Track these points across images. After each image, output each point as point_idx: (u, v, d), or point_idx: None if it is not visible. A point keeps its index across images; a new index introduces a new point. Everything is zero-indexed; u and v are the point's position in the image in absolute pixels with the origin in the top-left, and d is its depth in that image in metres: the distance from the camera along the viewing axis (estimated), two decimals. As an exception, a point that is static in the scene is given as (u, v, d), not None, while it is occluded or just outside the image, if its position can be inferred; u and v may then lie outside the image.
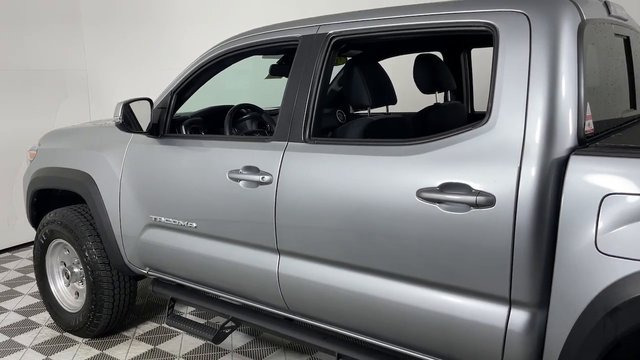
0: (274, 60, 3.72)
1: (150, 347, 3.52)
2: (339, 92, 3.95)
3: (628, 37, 2.54)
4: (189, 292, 3.21)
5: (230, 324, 2.93)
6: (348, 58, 3.74)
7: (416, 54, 3.07)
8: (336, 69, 3.44)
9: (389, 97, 2.77)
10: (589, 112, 1.91)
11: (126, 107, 2.82)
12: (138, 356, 3.41)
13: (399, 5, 2.38)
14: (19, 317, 4.02)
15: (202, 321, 3.85)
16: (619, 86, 2.40)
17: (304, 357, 3.35)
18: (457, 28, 2.13)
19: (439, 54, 3.59)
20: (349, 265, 2.28)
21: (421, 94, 3.01)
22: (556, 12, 1.92)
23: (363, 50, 3.74)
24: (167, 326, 3.75)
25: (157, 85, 3.50)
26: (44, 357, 3.43)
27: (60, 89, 5.88)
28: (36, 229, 3.79)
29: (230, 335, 3.58)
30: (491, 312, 1.94)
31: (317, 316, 2.49)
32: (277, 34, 2.67)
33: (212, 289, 2.95)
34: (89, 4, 6.09)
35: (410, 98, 3.30)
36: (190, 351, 3.45)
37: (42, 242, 3.72)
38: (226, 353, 3.42)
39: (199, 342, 3.55)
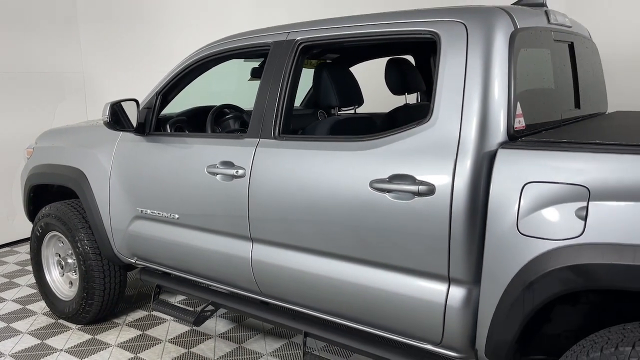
0: (256, 64, 3.96)
1: (139, 332, 3.76)
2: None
3: (572, 43, 2.77)
4: (174, 279, 3.44)
5: (209, 307, 3.16)
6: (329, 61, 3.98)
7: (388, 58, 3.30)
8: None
9: (356, 98, 3.00)
10: (519, 111, 2.14)
11: (113, 107, 3.06)
12: (127, 340, 3.64)
13: (377, 12, 2.60)
14: (17, 306, 4.26)
15: (189, 309, 4.08)
16: (560, 88, 2.64)
17: (282, 341, 3.58)
18: (407, 35, 2.37)
19: (410, 58, 3.84)
20: (313, 250, 2.52)
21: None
22: (490, 21, 2.15)
23: (339, 54, 3.98)
24: (155, 313, 3.99)
25: (153, 86, 3.72)
26: (39, 341, 3.66)
27: (58, 91, 6.13)
28: (33, 223, 4.03)
29: (215, 321, 3.84)
30: (434, 290, 2.17)
31: (286, 298, 2.72)
32: (252, 39, 2.91)
33: (193, 275, 3.18)
34: (86, 8, 6.33)
35: (395, 100, 3.49)
36: (176, 336, 3.68)
37: (38, 234, 3.96)
38: (210, 338, 3.65)
39: (185, 328, 3.78)
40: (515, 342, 1.98)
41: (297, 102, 4.18)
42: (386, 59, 3.26)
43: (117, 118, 3.10)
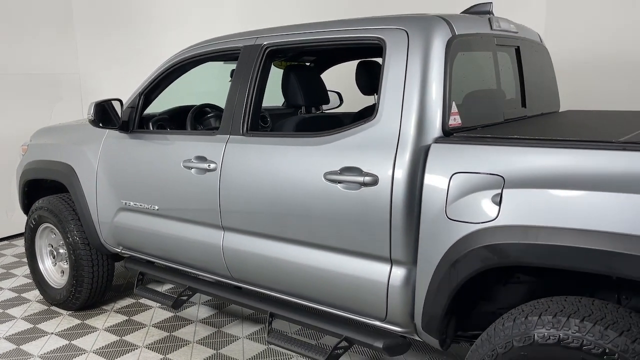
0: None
1: (125, 318, 4.01)
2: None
3: (518, 47, 3.01)
4: (155, 267, 3.69)
5: (187, 292, 3.41)
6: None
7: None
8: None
9: (321, 98, 3.24)
10: (455, 110, 2.38)
11: (97, 106, 3.31)
12: (113, 325, 3.89)
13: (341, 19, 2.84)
14: (13, 294, 4.52)
15: (169, 294, 4.33)
16: (504, 88, 2.87)
17: (258, 326, 3.82)
18: (358, 41, 2.61)
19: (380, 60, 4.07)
20: (275, 237, 2.76)
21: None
22: (429, 29, 2.39)
23: (315, 57, 4.22)
24: (142, 301, 4.25)
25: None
26: (32, 325, 3.92)
27: (55, 92, 6.39)
28: (27, 215, 4.29)
29: (197, 308, 4.08)
30: (378, 270, 2.41)
31: (253, 281, 2.97)
32: (225, 44, 3.16)
33: (173, 263, 3.43)
34: (82, 11, 6.60)
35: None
36: (160, 321, 3.93)
37: (32, 226, 4.21)
38: (191, 323, 3.90)
39: (169, 315, 4.03)
40: (445, 316, 2.21)
41: (280, 102, 4.43)
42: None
43: (101, 116, 3.34)
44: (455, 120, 2.38)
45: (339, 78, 4.52)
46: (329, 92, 3.51)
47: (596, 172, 1.85)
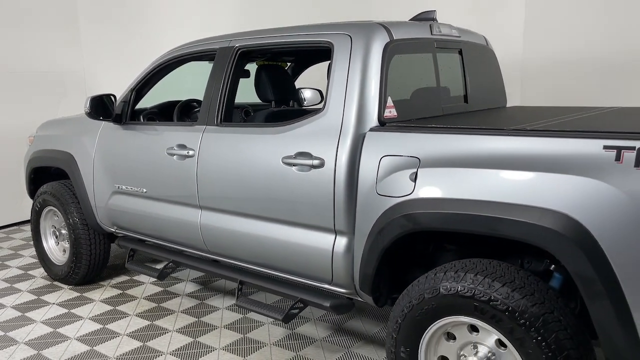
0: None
1: (119, 291, 4.46)
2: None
3: (461, 49, 3.41)
4: (145, 244, 4.13)
5: (170, 265, 3.85)
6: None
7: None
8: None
9: (289, 94, 3.66)
10: (390, 104, 2.79)
11: (93, 100, 3.76)
12: (109, 297, 4.34)
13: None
14: (20, 272, 4.99)
15: (156, 267, 4.77)
16: (444, 85, 3.27)
17: (237, 299, 4.25)
18: (313, 44, 3.02)
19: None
20: (242, 213, 3.18)
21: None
22: (369, 34, 2.80)
23: (294, 58, 4.63)
24: (136, 278, 4.69)
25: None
26: (36, 297, 4.38)
27: (61, 89, 6.87)
28: (33, 199, 4.75)
29: (185, 284, 4.52)
30: (325, 240, 2.83)
31: (226, 253, 3.39)
32: (204, 46, 3.59)
33: (158, 239, 3.87)
34: (86, 11, 7.07)
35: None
36: (150, 294, 4.37)
37: (37, 209, 4.67)
38: (178, 296, 4.33)
39: (158, 289, 4.47)
40: (375, 276, 2.62)
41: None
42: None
43: (96, 109, 3.79)
44: (390, 113, 2.79)
45: (323, 78, 4.95)
46: (312, 90, 3.89)
47: (487, 153, 2.26)
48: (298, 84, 4.47)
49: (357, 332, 3.66)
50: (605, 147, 1.98)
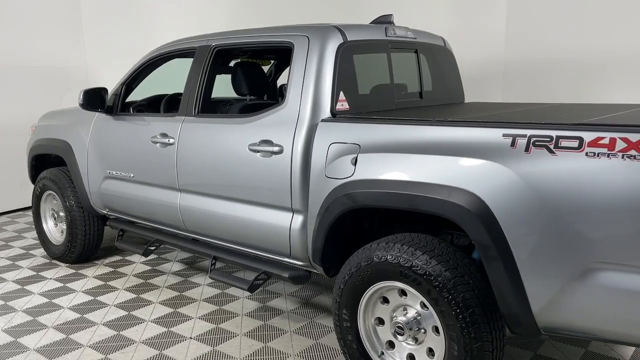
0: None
1: (111, 269, 4.85)
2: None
3: (416, 50, 3.76)
4: (134, 225, 4.51)
5: (155, 243, 4.24)
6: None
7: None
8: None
9: (263, 88, 4.03)
10: (342, 98, 3.14)
11: (85, 93, 4.15)
12: (101, 274, 4.74)
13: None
14: (22, 251, 5.40)
15: (143, 246, 5.16)
16: (400, 82, 3.62)
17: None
18: (278, 44, 3.39)
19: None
20: (215, 195, 3.56)
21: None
22: (324, 36, 3.15)
23: (276, 56, 4.99)
24: (129, 257, 5.09)
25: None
26: (35, 273, 4.79)
27: (65, 83, 7.28)
28: (34, 184, 5.16)
29: (171, 265, 4.90)
30: (284, 218, 3.19)
31: (201, 232, 3.77)
32: (185, 44, 3.96)
33: (145, 220, 4.25)
34: (89, 10, 7.48)
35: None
36: (139, 272, 4.76)
37: (38, 193, 5.08)
38: (164, 274, 4.72)
39: (147, 267, 4.87)
40: (324, 249, 2.98)
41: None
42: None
43: (88, 101, 4.18)
44: (342, 106, 3.14)
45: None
46: None
47: (412, 140, 2.62)
48: (282, 80, 4.86)
49: (322, 305, 4.02)
50: (504, 135, 2.33)
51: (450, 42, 7.33)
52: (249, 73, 3.95)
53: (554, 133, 2.20)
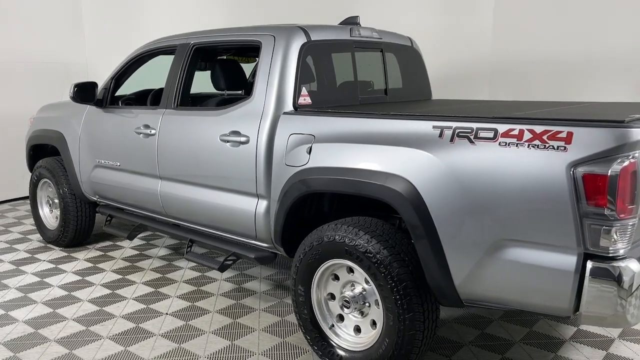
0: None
1: (101, 253, 5.16)
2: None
3: (382, 49, 4.02)
4: (121, 211, 4.82)
5: (139, 228, 4.54)
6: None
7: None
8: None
9: (240, 84, 4.31)
10: (305, 93, 3.41)
11: (76, 86, 4.45)
12: (91, 257, 5.05)
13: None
14: (20, 236, 5.73)
15: (127, 230, 5.47)
16: (364, 79, 3.89)
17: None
18: (248, 43, 3.66)
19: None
20: (191, 182, 3.84)
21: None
22: (289, 35, 3.42)
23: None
24: (120, 243, 5.40)
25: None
26: (30, 255, 5.11)
27: (65, 78, 7.60)
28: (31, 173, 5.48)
29: (158, 250, 5.20)
30: (249, 203, 3.47)
31: (179, 216, 4.06)
32: (167, 42, 4.25)
33: (129, 206, 4.55)
34: (89, 8, 7.81)
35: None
36: (127, 256, 5.07)
37: (34, 181, 5.40)
38: (150, 258, 5.02)
39: (135, 252, 5.17)
40: (283, 231, 3.26)
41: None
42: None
43: (78, 94, 4.48)
44: (305, 100, 3.41)
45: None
46: None
47: (359, 131, 2.88)
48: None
49: (293, 287, 4.30)
50: (434, 127, 2.59)
51: (438, 42, 7.62)
52: (227, 69, 4.23)
53: (474, 125, 2.46)
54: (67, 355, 3.27)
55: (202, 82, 4.57)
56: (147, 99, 4.81)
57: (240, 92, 4.51)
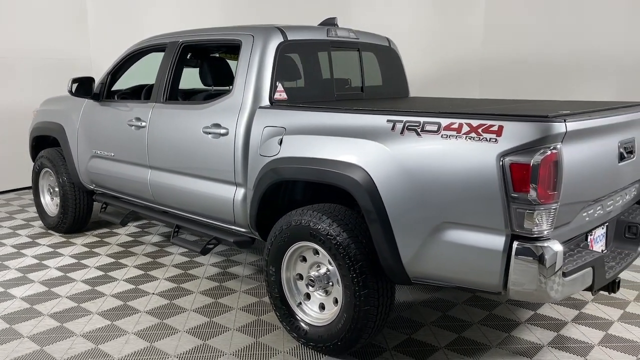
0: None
1: (98, 239, 5.46)
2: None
3: (359, 49, 4.28)
4: (116, 198, 5.11)
5: (131, 214, 4.83)
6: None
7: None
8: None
9: (227, 80, 4.57)
10: (281, 89, 3.67)
11: (74, 81, 4.74)
12: (88, 243, 5.35)
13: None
14: (23, 222, 6.05)
15: (121, 217, 5.76)
16: (341, 77, 4.14)
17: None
18: (230, 42, 3.93)
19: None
20: (177, 171, 4.12)
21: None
22: (267, 35, 3.68)
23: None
24: (116, 230, 5.70)
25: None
26: (31, 240, 5.42)
27: (70, 74, 7.85)
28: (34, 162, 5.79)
29: (151, 237, 5.49)
30: (228, 190, 3.74)
31: (166, 203, 4.34)
32: (158, 40, 4.53)
33: (123, 194, 4.84)
34: (94, 3, 8.12)
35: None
36: (122, 242, 5.36)
37: (36, 170, 5.71)
38: (144, 244, 5.31)
39: (130, 239, 5.46)
40: (258, 216, 3.52)
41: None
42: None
43: (76, 88, 4.77)
44: (281, 96, 3.67)
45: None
46: None
47: (324, 124, 3.14)
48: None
49: (274, 272, 4.56)
50: (388, 121, 2.84)
51: (430, 42, 7.87)
52: (213, 66, 4.50)
53: (421, 119, 2.71)
54: (57, 328, 3.56)
55: (197, 78, 4.85)
56: (142, 93, 5.09)
57: (226, 87, 4.77)
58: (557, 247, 2.42)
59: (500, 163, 2.41)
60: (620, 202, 3.14)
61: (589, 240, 2.97)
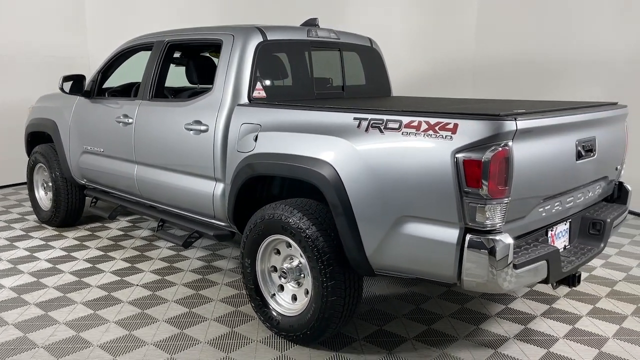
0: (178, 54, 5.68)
1: (90, 233, 5.60)
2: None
3: (340, 49, 4.39)
4: (105, 193, 5.24)
5: (119, 208, 4.96)
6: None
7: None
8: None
9: (211, 77, 4.69)
10: (260, 87, 3.79)
11: (65, 78, 4.87)
12: (80, 236, 5.49)
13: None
14: (18, 216, 6.20)
15: (109, 211, 5.89)
16: (324, 77, 4.25)
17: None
18: (213, 41, 4.04)
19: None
20: (161, 167, 4.24)
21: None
22: (247, 35, 3.80)
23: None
24: (109, 225, 5.84)
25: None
26: (25, 233, 5.57)
27: (68, 72, 8.00)
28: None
29: (141, 232, 5.62)
30: (208, 185, 3.86)
31: (152, 198, 4.47)
32: (146, 39, 4.65)
33: (112, 189, 4.97)
34: (92, 1, 8.28)
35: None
36: (112, 236, 5.50)
37: (31, 165, 5.86)
38: (133, 238, 5.45)
39: (121, 233, 5.60)
40: (235, 210, 3.64)
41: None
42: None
43: (69, 86, 4.90)
44: (259, 94, 3.79)
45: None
46: None
47: (296, 122, 3.26)
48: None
49: (257, 266, 4.68)
50: (355, 118, 2.95)
51: (423, 42, 7.98)
52: (198, 65, 4.62)
53: (385, 117, 2.82)
54: (42, 316, 3.69)
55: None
56: (132, 91, 5.22)
57: (211, 85, 4.90)
58: (508, 240, 2.53)
59: (454, 159, 2.52)
60: (582, 199, 3.23)
61: (549, 235, 3.07)
